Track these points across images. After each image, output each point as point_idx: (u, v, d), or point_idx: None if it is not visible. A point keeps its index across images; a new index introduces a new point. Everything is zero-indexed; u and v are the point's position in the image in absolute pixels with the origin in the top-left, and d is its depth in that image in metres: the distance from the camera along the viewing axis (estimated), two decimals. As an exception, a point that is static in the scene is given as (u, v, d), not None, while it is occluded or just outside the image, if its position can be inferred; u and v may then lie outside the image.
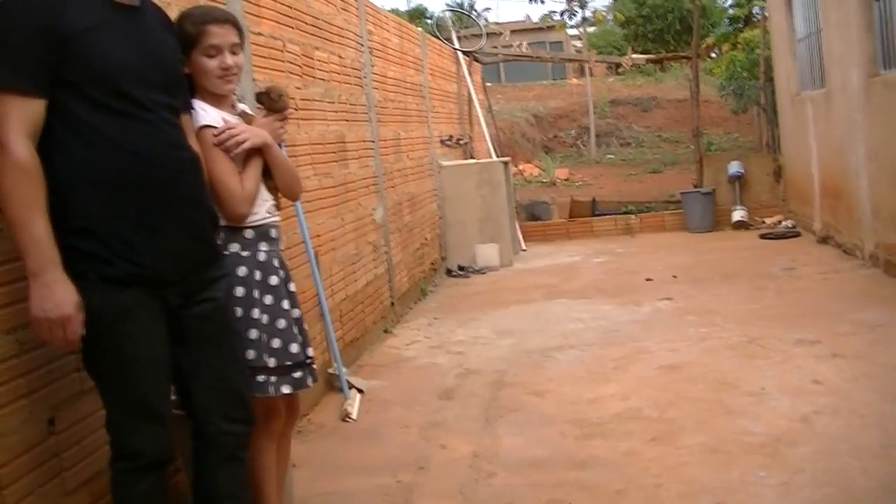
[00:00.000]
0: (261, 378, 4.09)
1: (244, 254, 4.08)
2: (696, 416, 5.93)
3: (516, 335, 8.69)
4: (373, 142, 9.52)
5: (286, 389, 4.18)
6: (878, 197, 10.05)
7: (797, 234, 13.71)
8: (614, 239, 15.24)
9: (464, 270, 12.83)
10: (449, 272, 12.84)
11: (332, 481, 5.37)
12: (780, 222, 14.63)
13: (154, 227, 3.45)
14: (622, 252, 13.70)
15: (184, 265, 3.60)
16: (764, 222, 14.91)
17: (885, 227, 9.90)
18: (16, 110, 3.12)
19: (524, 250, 14.63)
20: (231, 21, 4.07)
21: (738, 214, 15.03)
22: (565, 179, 22.08)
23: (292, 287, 4.32)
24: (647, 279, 11.00)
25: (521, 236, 14.96)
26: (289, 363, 4.16)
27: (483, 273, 12.75)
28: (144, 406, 3.49)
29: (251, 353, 4.04)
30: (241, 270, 4.05)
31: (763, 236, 13.91)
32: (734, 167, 15.40)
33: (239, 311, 4.02)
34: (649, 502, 4.73)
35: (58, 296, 3.20)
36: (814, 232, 13.14)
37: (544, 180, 22.03)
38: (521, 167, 22.30)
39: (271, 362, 4.11)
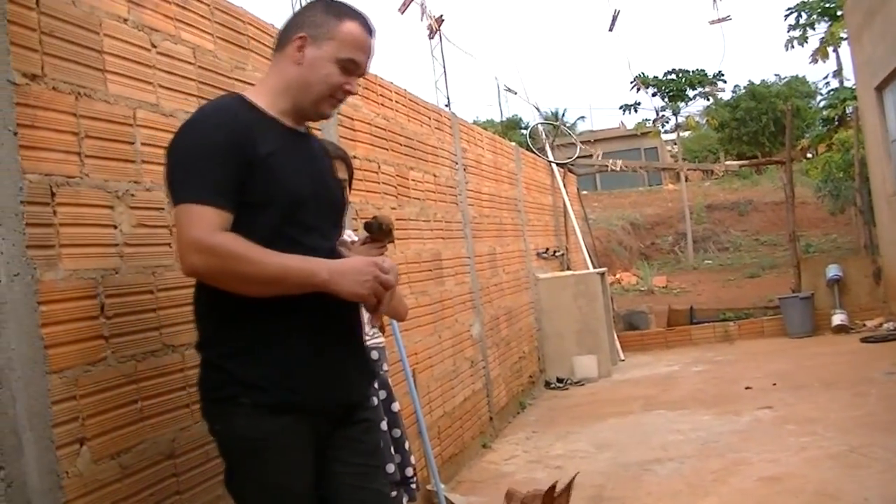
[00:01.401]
0: None
1: None
2: (796, 531, 5.89)
3: (614, 448, 8.69)
4: (469, 258, 9.67)
5: None
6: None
7: (901, 336, 13.55)
8: (713, 346, 15.16)
9: (562, 382, 12.85)
10: (547, 384, 12.87)
11: None
12: (881, 325, 14.45)
13: (317, 356, 3.39)
14: (721, 360, 13.62)
15: (344, 395, 3.54)
16: (865, 325, 14.74)
17: None
18: (213, 221, 3.12)
19: (622, 360, 14.61)
20: (342, 157, 4.22)
21: (837, 318, 14.87)
22: (663, 287, 22.05)
23: (395, 407, 4.43)
24: (747, 387, 10.92)
25: (619, 346, 14.95)
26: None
27: (581, 384, 12.76)
28: None
29: None
30: None
31: (864, 340, 13.73)
32: (833, 271, 15.29)
33: None
34: None
35: (355, 264, 3.24)
36: (917, 333, 12.98)
37: (642, 288, 22.01)
38: (618, 276, 22.35)
39: None
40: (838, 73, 30.06)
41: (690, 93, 38.76)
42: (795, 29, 28.20)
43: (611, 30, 19.37)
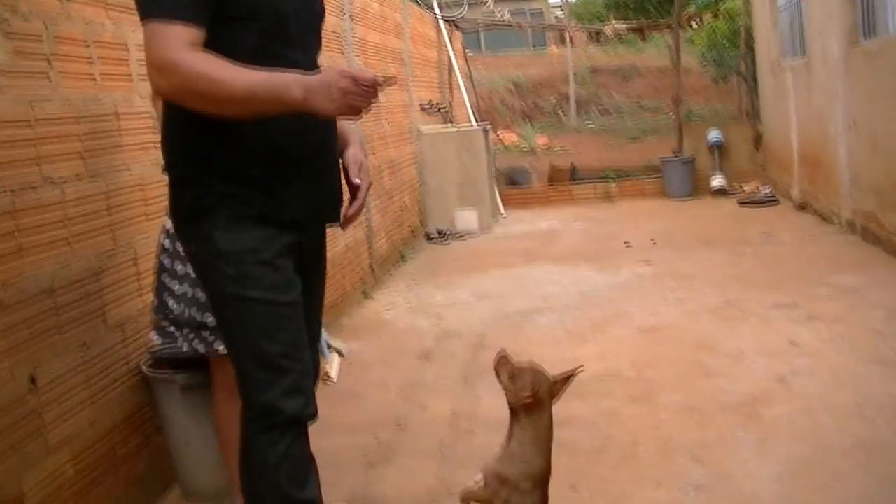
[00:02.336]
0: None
1: None
2: (674, 377, 5.97)
3: (496, 298, 8.72)
4: (353, 107, 9.48)
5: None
6: (856, 165, 10.08)
7: (775, 202, 13.74)
8: (593, 205, 15.25)
9: (443, 235, 12.82)
10: (428, 237, 12.83)
11: (314, 440, 5.35)
12: (758, 189, 14.64)
13: (298, 171, 3.28)
14: (601, 218, 13.71)
15: (323, 210, 3.43)
16: (743, 189, 14.92)
17: (863, 195, 9.94)
18: (179, 38, 2.94)
19: (503, 216, 14.61)
20: None
21: (717, 181, 15.05)
22: (545, 147, 22.04)
23: None
24: (627, 244, 11.02)
25: (500, 202, 14.95)
26: None
27: (462, 238, 12.75)
28: (280, 356, 3.26)
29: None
30: None
31: (742, 203, 13.93)
32: (714, 135, 15.41)
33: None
34: (627, 459, 4.76)
35: (324, 78, 2.97)
36: (792, 199, 13.18)
37: (524, 148, 21.98)
38: (500, 134, 22.25)
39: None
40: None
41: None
42: None
43: None
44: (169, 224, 4.14)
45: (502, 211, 14.80)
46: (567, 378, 3.18)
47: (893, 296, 7.43)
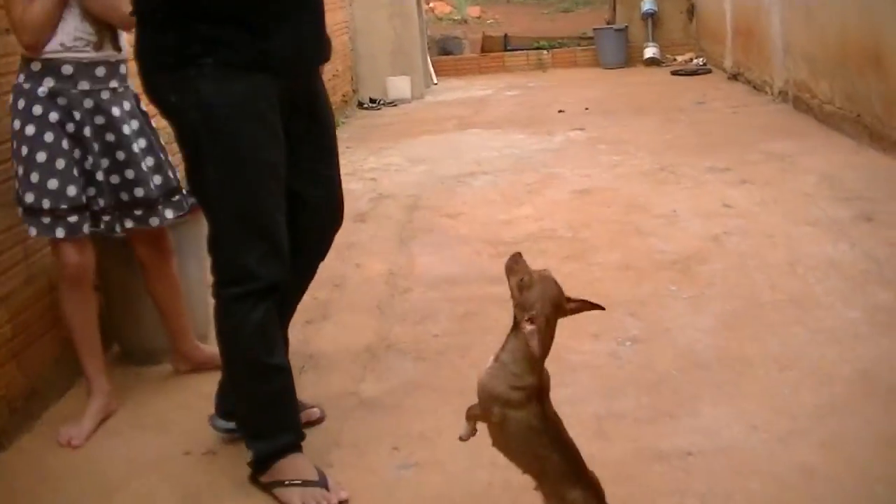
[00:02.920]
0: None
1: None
2: (608, 237, 6.00)
3: (429, 163, 8.68)
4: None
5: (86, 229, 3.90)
6: (789, 34, 10.09)
7: (708, 71, 13.77)
8: (526, 74, 15.18)
9: (375, 103, 12.73)
10: (360, 104, 12.73)
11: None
12: (691, 60, 14.66)
13: (288, 10, 3.09)
14: (534, 86, 13.67)
15: (308, 57, 3.27)
16: (675, 60, 14.93)
17: (795, 64, 9.97)
18: None
19: (435, 84, 14.50)
20: None
21: (650, 51, 15.04)
22: (477, 17, 21.87)
23: (130, 127, 4.02)
24: (560, 111, 11.01)
25: (432, 70, 14.82)
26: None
27: (394, 105, 12.67)
28: (261, 217, 3.14)
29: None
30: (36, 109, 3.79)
31: (674, 73, 13.95)
32: (647, 4, 15.32)
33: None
34: (564, 314, 4.79)
35: None
36: (724, 69, 13.21)
37: (456, 18, 21.80)
38: (432, 4, 22.03)
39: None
40: None
41: None
42: None
43: None
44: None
45: (434, 79, 14.69)
46: (582, 305, 2.90)
47: (823, 161, 7.49)
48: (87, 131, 3.85)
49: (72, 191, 3.81)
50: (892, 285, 4.81)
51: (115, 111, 3.94)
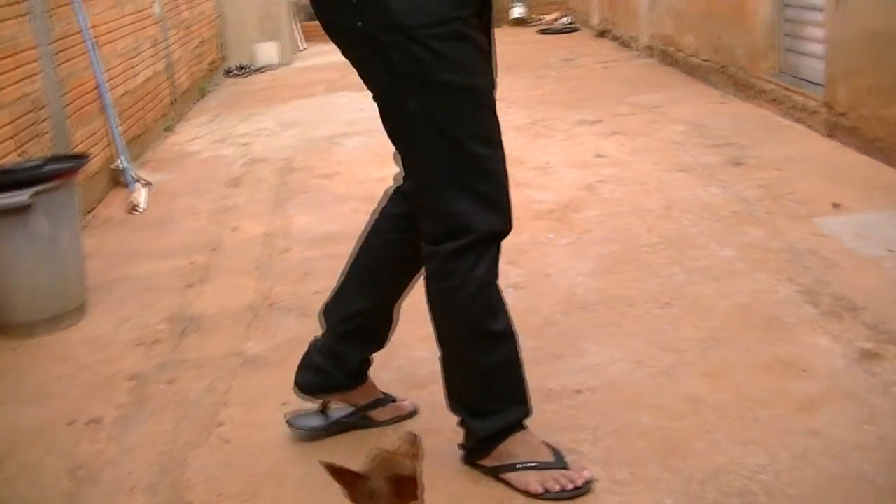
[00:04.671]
0: None
1: None
2: (485, 190, 6.02)
3: (301, 126, 8.63)
4: (145, -69, 9.18)
5: None
6: (654, -9, 10.24)
7: (576, 30, 13.88)
8: (395, 38, 15.13)
9: (243, 70, 12.59)
10: (228, 72, 12.58)
11: (127, 267, 5.28)
12: (558, 19, 14.76)
13: None
14: (403, 49, 13.64)
15: None
16: (542, 19, 15.02)
17: (660, 20, 10.11)
18: None
19: (304, 49, 14.39)
20: None
21: (517, 11, 15.12)
22: (343, -17, 21.73)
23: None
24: (432, 72, 10.99)
25: (301, 35, 14.69)
26: None
27: (263, 71, 12.55)
28: (482, 157, 2.69)
29: None
30: None
31: (542, 31, 14.04)
32: (513, -35, 15.43)
33: None
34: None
35: None
36: (592, 27, 13.34)
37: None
38: (296, -30, 21.82)
39: None
40: None
41: None
42: None
43: None
44: None
45: (303, 44, 14.57)
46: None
47: (691, 111, 7.62)
48: None
49: None
50: (762, 224, 4.91)
51: None
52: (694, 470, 2.83)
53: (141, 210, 6.34)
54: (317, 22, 2.73)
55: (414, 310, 3.16)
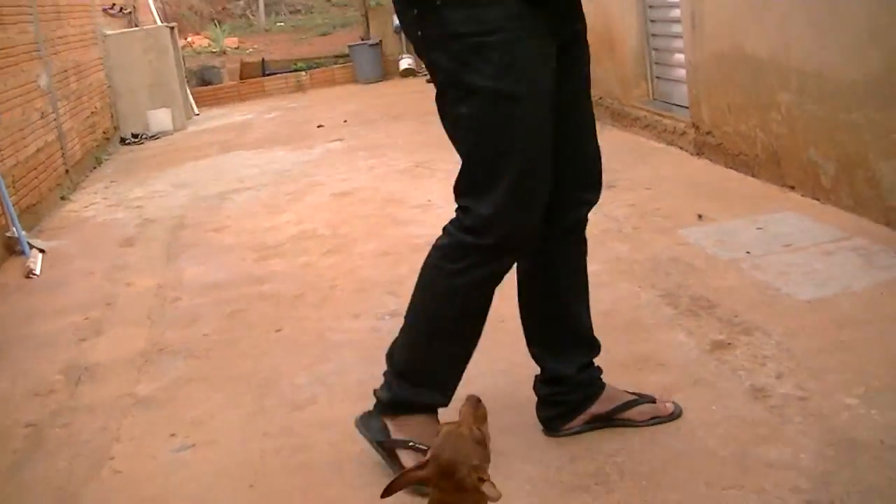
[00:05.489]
0: None
1: None
2: (367, 230, 6.28)
3: (193, 186, 8.83)
4: (30, 7, 9.34)
5: None
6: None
7: (461, 76, 14.23)
8: (286, 96, 15.47)
9: (137, 137, 12.74)
10: (123, 140, 12.72)
11: (24, 327, 5.42)
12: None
13: None
14: (294, 107, 13.94)
15: None
16: (429, 68, 15.37)
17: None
18: None
19: (197, 114, 14.60)
20: None
21: (405, 62, 15.50)
22: (235, 48, 21.94)
23: None
24: (319, 126, 11.29)
25: (193, 101, 14.91)
26: None
27: (157, 138, 12.71)
28: (524, 172, 2.77)
29: None
30: None
31: (429, 81, 14.32)
32: (398, 19, 15.75)
33: None
34: (326, 300, 5.03)
35: None
36: (476, 72, 13.70)
37: (214, 50, 21.82)
38: (189, 39, 22.01)
39: None
40: None
41: None
42: None
43: None
44: None
45: (195, 110, 14.78)
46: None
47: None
48: None
49: None
50: (629, 238, 5.23)
51: None
52: (552, 458, 3.09)
53: (36, 275, 6.47)
54: (208, 87, 2.83)
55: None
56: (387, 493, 2.25)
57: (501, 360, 3.92)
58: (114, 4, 13.84)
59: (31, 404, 4.27)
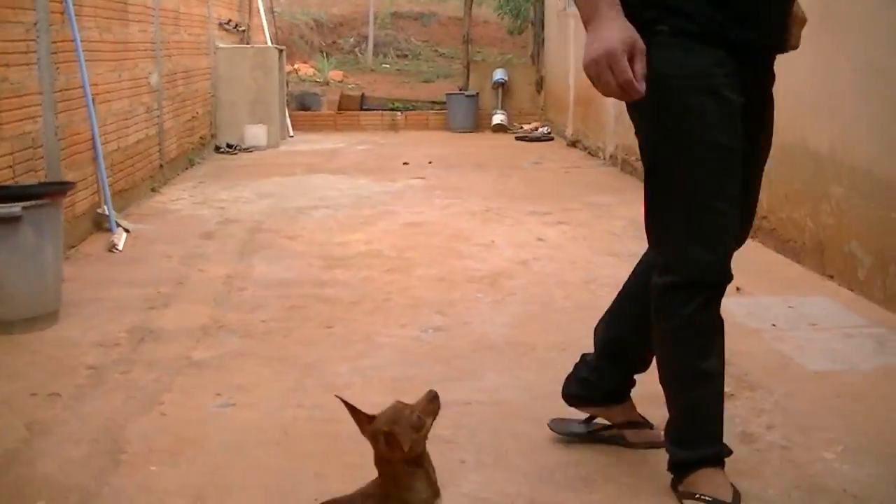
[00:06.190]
0: None
1: None
2: (429, 257, 6.65)
3: (276, 197, 9.26)
4: (154, 9, 9.89)
5: None
6: (621, 104, 10.85)
7: (550, 139, 14.65)
8: (379, 133, 15.91)
9: (232, 147, 13.24)
10: (217, 149, 13.23)
11: (99, 291, 5.84)
12: (536, 129, 15.51)
13: None
14: (385, 143, 14.37)
15: (773, 29, 3.00)
16: (522, 127, 15.79)
17: (625, 130, 10.82)
18: None
19: (291, 136, 15.06)
20: None
21: (498, 118, 15.88)
22: (339, 81, 22.51)
23: None
24: (405, 163, 11.69)
25: (289, 123, 15.39)
26: None
27: (250, 151, 13.19)
28: (701, 204, 2.93)
29: None
30: None
31: (518, 138, 14.81)
32: (499, 74, 16.22)
33: None
34: (379, 309, 5.41)
35: (603, 32, 2.70)
36: (566, 137, 14.09)
37: (318, 80, 22.40)
38: (296, 66, 22.62)
39: None
40: None
41: None
42: None
43: None
44: None
45: (291, 132, 15.26)
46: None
47: (636, 211, 8.02)
48: None
49: None
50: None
51: None
52: (548, 460, 3.45)
53: (119, 250, 6.92)
54: (307, 112, 3.11)
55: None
56: (349, 407, 2.61)
57: (527, 379, 4.27)
58: (230, 21, 14.43)
59: (96, 352, 4.69)
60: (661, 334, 3.13)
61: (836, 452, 3.46)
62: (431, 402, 2.67)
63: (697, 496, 3.07)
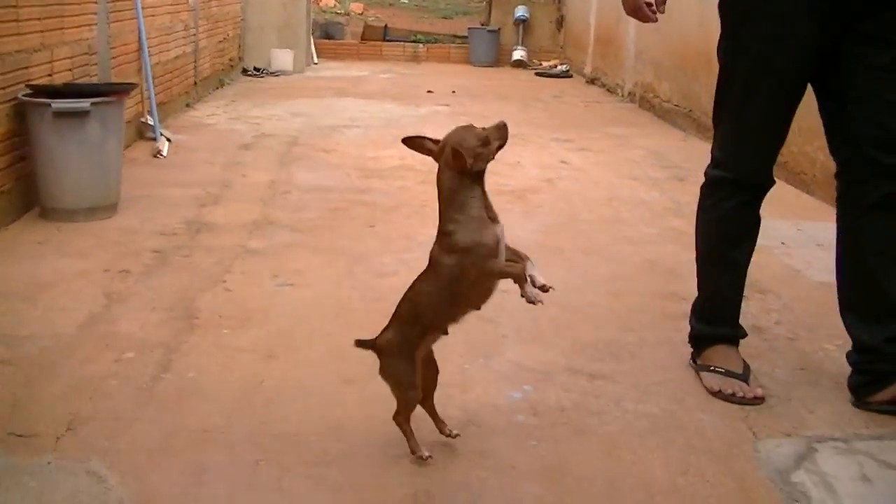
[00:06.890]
0: None
1: None
2: (460, 172, 7.00)
3: (307, 116, 9.61)
4: (190, -68, 10.23)
5: None
6: (642, 42, 11.28)
7: (569, 76, 14.93)
8: (402, 63, 16.19)
9: (259, 71, 13.55)
10: (245, 71, 13.54)
11: (151, 189, 6.20)
12: (555, 66, 15.79)
13: None
14: (408, 73, 14.67)
15: None
16: (541, 64, 16.07)
17: (644, 68, 11.17)
18: None
19: (316, 63, 15.37)
20: None
21: (518, 54, 16.16)
22: (360, 13, 22.76)
23: None
24: (429, 91, 12.03)
25: (314, 50, 15.69)
26: None
27: (277, 76, 13.50)
28: (747, 116, 3.32)
29: None
30: None
31: (538, 74, 15.11)
32: (520, 11, 16.46)
33: None
34: (416, 213, 5.78)
35: None
36: (584, 75, 14.40)
37: (339, 12, 22.66)
38: (318, -1, 22.86)
39: None
40: None
41: None
42: None
43: None
44: None
45: (315, 59, 15.56)
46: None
47: (653, 143, 8.66)
48: None
49: None
50: (686, 217, 5.81)
51: None
52: (580, 338, 3.86)
53: (164, 156, 7.28)
54: (331, 41, 3.34)
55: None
56: (406, 141, 2.93)
57: (557, 275, 4.63)
58: (260, -55, 14.69)
59: (157, 239, 5.08)
60: (703, 221, 3.51)
61: (836, 345, 3.82)
62: (500, 130, 2.94)
63: (712, 368, 3.44)
